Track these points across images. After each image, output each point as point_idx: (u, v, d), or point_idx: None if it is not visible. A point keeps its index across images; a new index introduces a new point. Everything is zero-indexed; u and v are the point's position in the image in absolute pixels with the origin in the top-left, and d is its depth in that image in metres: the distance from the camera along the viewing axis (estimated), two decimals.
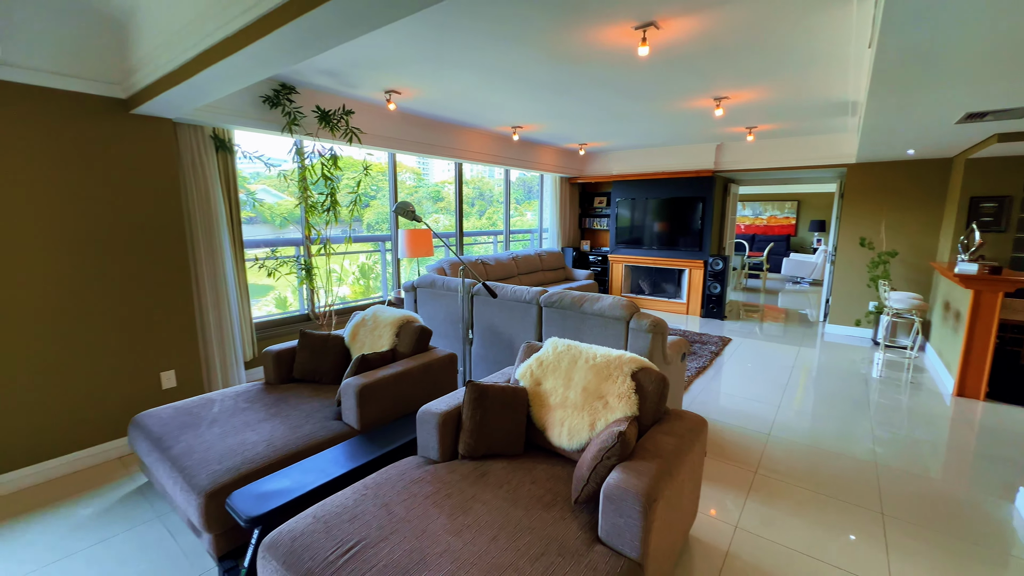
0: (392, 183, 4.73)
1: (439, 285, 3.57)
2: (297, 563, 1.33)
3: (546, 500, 1.61)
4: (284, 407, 2.35)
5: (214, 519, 1.70)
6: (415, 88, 3.47)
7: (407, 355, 2.66)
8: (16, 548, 1.91)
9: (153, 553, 1.89)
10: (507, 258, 5.81)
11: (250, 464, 1.85)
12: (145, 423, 2.19)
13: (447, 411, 1.90)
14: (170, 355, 2.83)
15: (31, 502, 2.22)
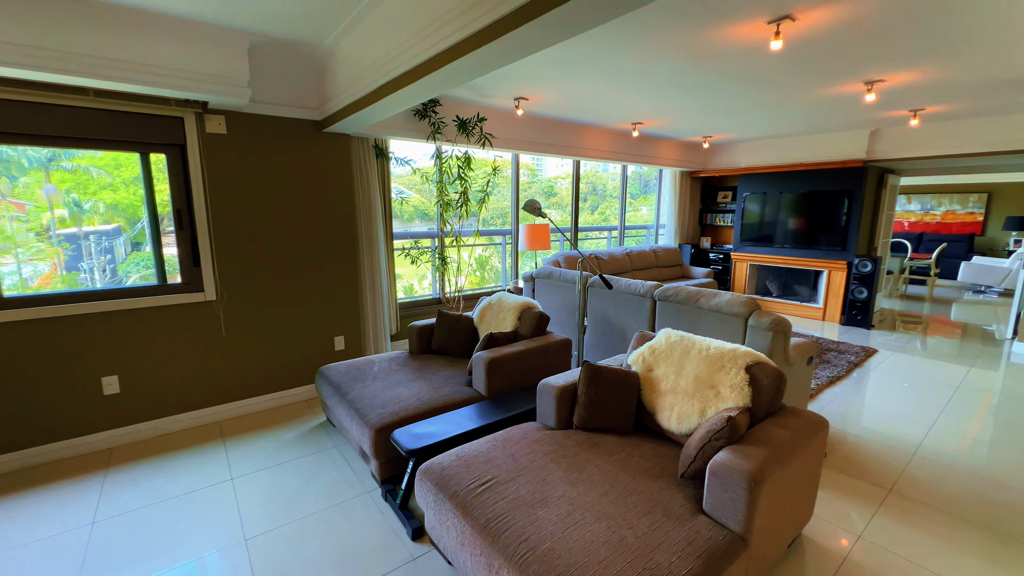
0: (515, 181, 5.12)
1: (556, 276, 3.83)
2: (446, 486, 1.69)
3: (653, 472, 1.77)
4: (426, 372, 2.82)
5: (380, 449, 2.18)
6: (541, 94, 3.75)
7: (527, 337, 2.97)
8: (249, 452, 2.64)
9: (333, 471, 2.47)
10: (621, 253, 5.86)
11: (405, 411, 2.31)
12: (327, 374, 2.82)
13: (564, 385, 2.14)
14: (341, 324, 3.54)
15: (258, 422, 3.01)
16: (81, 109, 2.48)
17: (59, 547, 1.92)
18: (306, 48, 2.86)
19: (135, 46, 2.30)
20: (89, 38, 2.19)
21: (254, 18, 2.40)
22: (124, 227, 2.96)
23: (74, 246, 2.83)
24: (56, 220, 2.76)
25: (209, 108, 2.81)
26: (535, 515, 1.50)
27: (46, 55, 2.11)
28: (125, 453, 2.66)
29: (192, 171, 2.82)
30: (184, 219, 2.87)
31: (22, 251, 2.66)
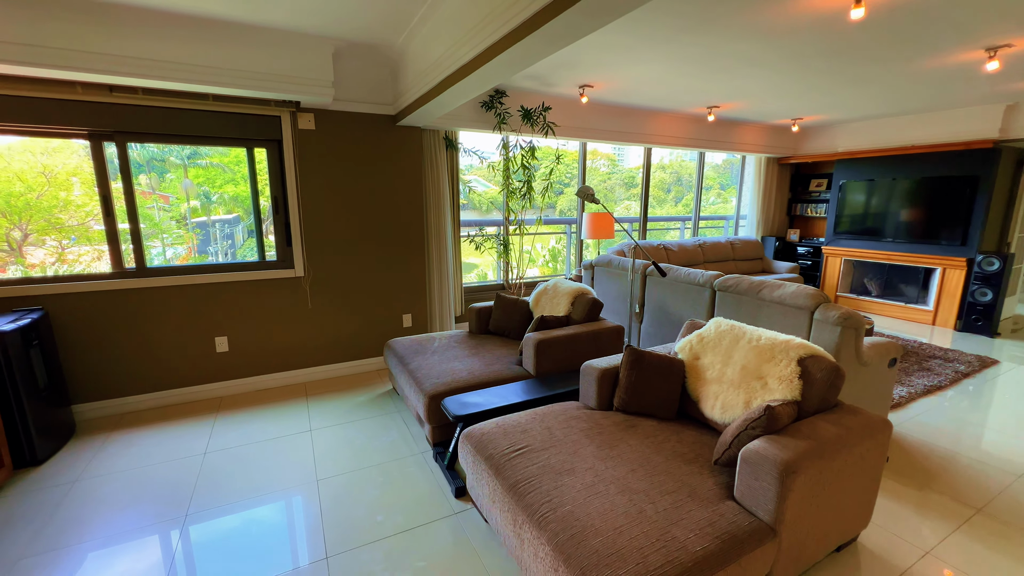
0: (581, 171, 5.12)
1: (615, 265, 3.81)
2: (484, 449, 1.83)
3: (688, 457, 1.76)
4: (481, 350, 2.99)
5: (432, 414, 2.39)
6: (606, 80, 3.72)
7: (579, 322, 3.02)
8: (326, 410, 3.01)
9: (394, 432, 2.73)
10: (693, 244, 5.62)
11: (456, 383, 2.49)
12: (394, 346, 3.10)
13: (606, 368, 2.18)
14: (409, 303, 3.84)
15: (335, 386, 3.40)
16: (203, 112, 2.95)
17: (182, 468, 2.37)
18: (381, 49, 3.12)
19: (244, 56, 2.70)
20: (211, 52, 2.61)
21: (338, 27, 2.69)
22: (242, 216, 3.46)
23: (204, 232, 3.39)
24: (191, 210, 3.31)
25: (301, 107, 3.19)
26: (561, 481, 1.59)
27: (184, 68, 2.56)
28: (231, 402, 3.16)
29: (287, 163, 3.23)
30: (280, 205, 3.30)
31: (166, 236, 3.23)
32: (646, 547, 1.30)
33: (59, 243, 2.97)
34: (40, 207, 2.87)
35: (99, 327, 2.88)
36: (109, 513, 2.05)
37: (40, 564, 1.77)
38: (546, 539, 1.38)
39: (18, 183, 2.80)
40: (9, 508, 2.08)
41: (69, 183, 2.95)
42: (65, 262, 2.97)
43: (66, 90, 2.59)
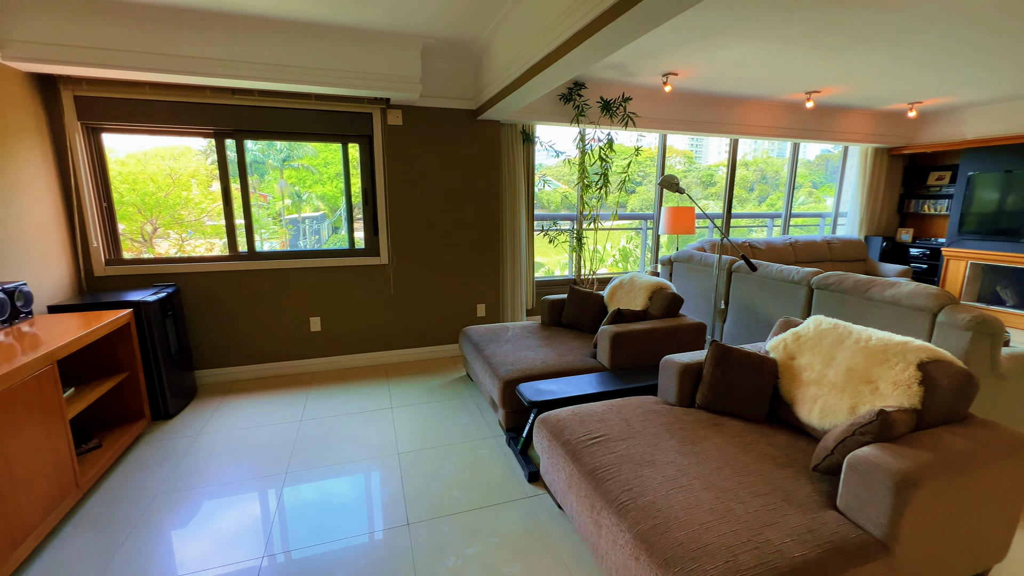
0: (660, 165, 4.93)
1: (696, 260, 3.63)
2: (560, 435, 1.83)
3: (780, 460, 1.64)
4: (554, 341, 2.99)
5: (507, 399, 2.43)
6: (691, 67, 3.55)
7: (657, 317, 2.91)
8: (404, 391, 3.18)
9: (467, 416, 2.82)
10: (783, 243, 5.19)
11: (530, 370, 2.51)
12: (469, 334, 3.19)
13: (688, 363, 2.09)
14: (482, 293, 3.94)
15: (413, 369, 3.58)
16: (306, 111, 3.23)
17: (280, 432, 2.63)
18: (466, 44, 3.22)
19: (344, 57, 2.91)
20: (316, 54, 2.85)
21: (429, 24, 2.81)
22: (328, 214, 3.76)
23: (295, 228, 3.73)
24: (285, 208, 3.66)
25: (390, 104, 3.38)
26: (641, 472, 1.55)
27: (293, 70, 2.82)
28: (321, 377, 3.43)
29: (376, 157, 3.44)
30: (369, 197, 3.53)
31: (264, 231, 3.60)
32: (736, 546, 1.22)
33: (179, 236, 3.41)
34: (167, 204, 3.32)
35: (217, 303, 3.26)
36: (223, 466, 2.32)
37: (170, 501, 2.04)
38: (626, 527, 1.35)
39: (151, 184, 3.26)
40: (148, 452, 2.42)
41: (189, 184, 3.37)
42: (183, 252, 3.40)
43: (196, 94, 2.96)
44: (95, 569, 1.68)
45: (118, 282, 3.04)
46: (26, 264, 2.48)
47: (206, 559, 1.73)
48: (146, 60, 2.57)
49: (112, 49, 2.50)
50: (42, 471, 1.77)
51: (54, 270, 2.71)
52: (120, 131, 2.98)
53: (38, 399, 1.77)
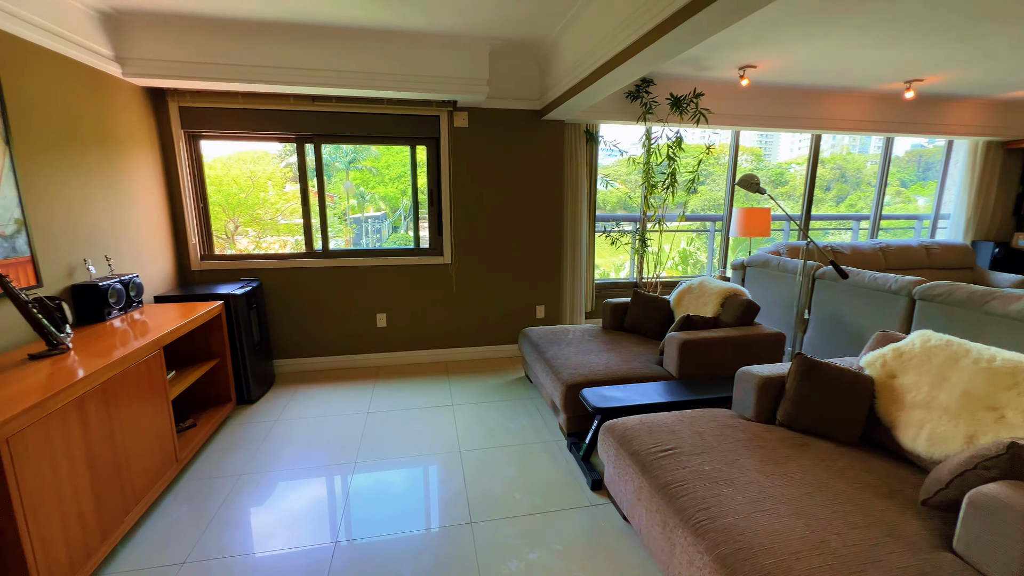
0: (732, 163, 4.66)
1: (773, 265, 3.39)
2: (627, 444, 1.77)
3: (879, 490, 1.48)
4: (616, 346, 2.91)
5: (569, 403, 2.39)
6: (773, 59, 3.31)
7: (729, 324, 2.75)
8: (465, 388, 3.22)
9: (527, 418, 2.80)
10: (871, 247, 4.73)
11: (594, 375, 2.45)
12: (529, 334, 3.18)
13: (768, 376, 1.94)
14: (542, 294, 3.91)
15: (473, 367, 3.63)
16: (376, 115, 3.37)
17: (349, 422, 2.75)
18: (533, 44, 3.20)
19: (416, 62, 3.00)
20: (389, 60, 2.96)
21: (496, 26, 2.83)
22: (388, 214, 3.90)
23: (358, 227, 3.90)
24: (350, 208, 3.84)
25: (457, 106, 3.44)
26: (718, 491, 1.45)
27: (368, 76, 2.95)
28: (386, 371, 3.57)
29: (442, 159, 3.52)
30: (434, 197, 3.62)
31: (330, 230, 3.79)
32: None
33: (257, 234, 3.67)
34: (246, 204, 3.59)
35: (293, 298, 3.48)
36: (298, 451, 2.46)
37: (252, 481, 2.19)
38: (704, 548, 1.27)
39: (234, 185, 3.53)
40: (234, 433, 2.63)
41: (266, 186, 3.63)
42: (260, 249, 3.66)
43: (281, 102, 3.17)
44: (192, 538, 1.83)
45: (210, 276, 3.32)
46: (137, 258, 2.77)
47: (283, 538, 1.83)
48: (242, 72, 2.78)
49: (214, 63, 2.74)
50: (150, 445, 1.96)
51: (159, 264, 3.01)
52: (216, 138, 3.25)
53: (148, 380, 1.96)
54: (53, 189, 2.14)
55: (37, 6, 2.05)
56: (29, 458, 1.36)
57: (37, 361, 1.73)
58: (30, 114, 2.03)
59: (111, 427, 1.72)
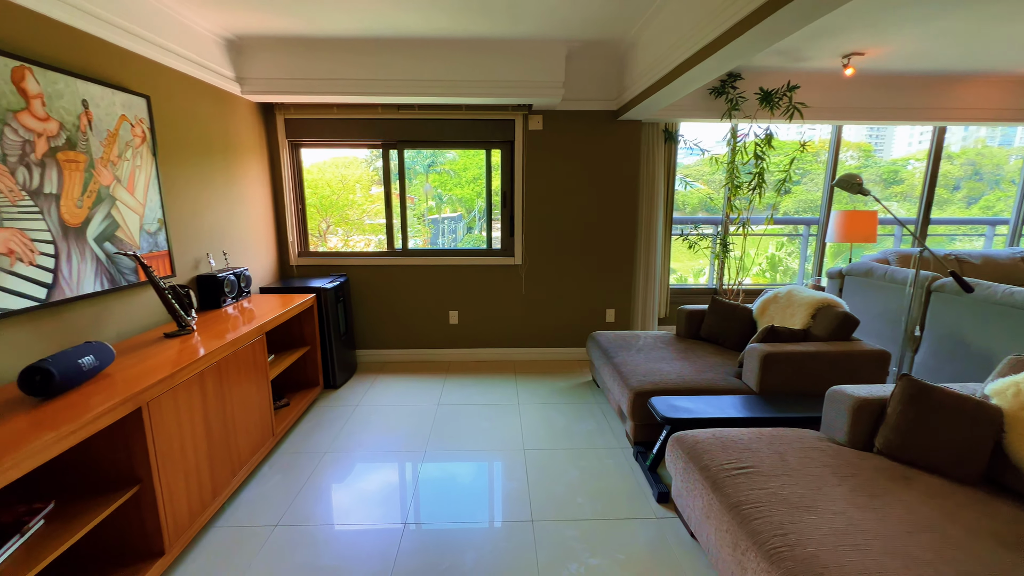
0: (832, 161, 4.23)
1: (878, 275, 3.03)
2: (698, 458, 1.68)
3: (1007, 540, 1.27)
4: (691, 355, 2.77)
5: (636, 411, 2.32)
6: (884, 44, 2.96)
7: (821, 338, 2.51)
8: (531, 389, 3.26)
9: (592, 422, 2.77)
10: (1008, 257, 4.04)
11: (664, 383, 2.36)
12: (598, 339, 3.13)
13: (866, 398, 1.75)
14: (613, 299, 3.84)
15: (539, 368, 3.66)
16: (454, 121, 3.51)
17: (420, 412, 2.90)
18: (610, 45, 3.15)
19: (494, 68, 3.09)
20: (469, 68, 3.08)
21: (574, 29, 2.83)
22: (464, 215, 4.04)
23: (435, 228, 4.08)
24: (427, 209, 4.03)
25: (532, 110, 3.49)
26: (799, 517, 1.34)
27: (449, 84, 3.09)
28: (457, 367, 3.71)
29: (516, 161, 3.58)
30: (507, 199, 3.69)
31: (410, 230, 4.01)
32: None
33: (345, 232, 3.97)
34: (337, 205, 3.90)
35: (375, 293, 3.74)
36: (374, 436, 2.64)
37: (334, 460, 2.39)
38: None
39: (327, 188, 3.86)
40: (320, 415, 2.88)
41: (354, 188, 3.91)
42: (348, 247, 3.96)
43: (370, 111, 3.43)
44: (283, 505, 2.05)
45: (305, 271, 3.68)
46: (247, 253, 3.14)
47: (358, 514, 1.98)
48: (338, 86, 3.05)
49: (314, 79, 3.03)
50: (252, 418, 2.22)
51: (264, 259, 3.39)
52: (314, 145, 3.59)
53: (253, 361, 2.22)
54: (185, 193, 2.50)
55: (181, 38, 2.41)
56: (162, 421, 1.60)
57: (170, 339, 2.03)
58: (171, 129, 2.39)
59: (223, 400, 1.97)
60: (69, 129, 1.77)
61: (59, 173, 1.73)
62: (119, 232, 2.00)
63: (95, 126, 1.88)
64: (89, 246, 1.85)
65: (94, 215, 1.88)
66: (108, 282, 1.94)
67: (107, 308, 1.98)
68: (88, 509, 1.42)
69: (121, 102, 2.01)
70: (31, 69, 1.62)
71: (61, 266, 1.73)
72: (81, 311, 1.85)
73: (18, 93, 1.58)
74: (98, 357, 1.57)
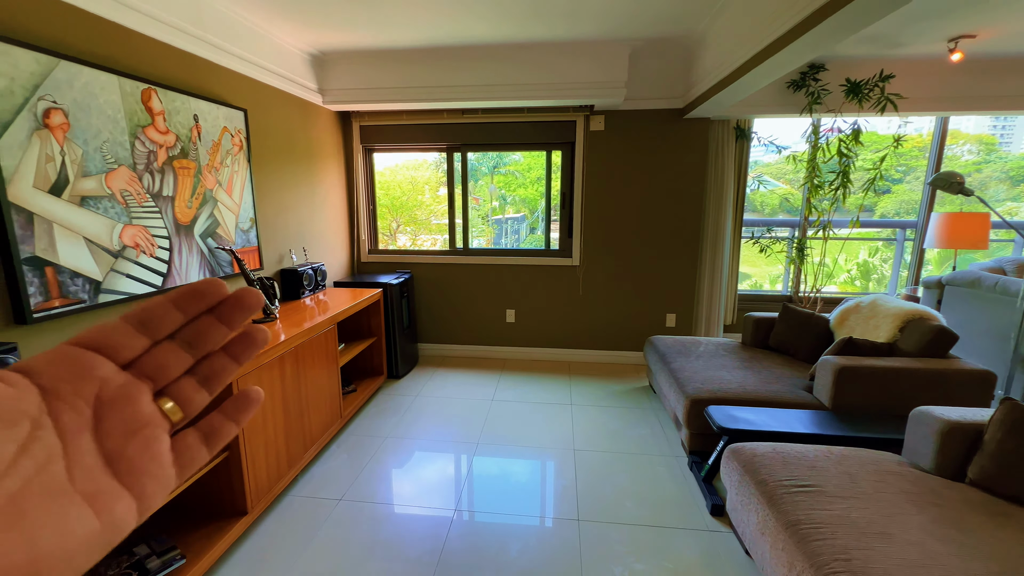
0: (935, 156, 3.79)
1: (987, 285, 2.68)
2: (755, 472, 1.61)
3: None
4: (756, 365, 2.62)
5: (692, 419, 2.24)
6: (1003, 22, 2.61)
7: (910, 354, 2.27)
8: (585, 390, 3.24)
9: (646, 428, 2.71)
10: None
11: (723, 392, 2.26)
12: (656, 343, 3.05)
13: (958, 422, 1.57)
14: (674, 303, 3.71)
15: (594, 371, 3.63)
16: (516, 123, 3.58)
17: (474, 406, 3.00)
18: (676, 41, 3.06)
19: (555, 70, 3.12)
20: (531, 71, 3.13)
21: (639, 28, 2.78)
22: (527, 215, 4.09)
23: (498, 228, 4.17)
24: (491, 210, 4.12)
25: (594, 110, 3.47)
26: (867, 543, 1.24)
27: (512, 88, 3.17)
28: (512, 364, 3.78)
29: (576, 162, 3.58)
30: (567, 200, 3.70)
31: (475, 230, 4.13)
32: None
33: (414, 231, 4.18)
34: (407, 206, 4.11)
35: (436, 289, 3.91)
36: (431, 425, 2.78)
37: (393, 445, 2.55)
38: None
39: (398, 190, 4.08)
40: (383, 402, 3.08)
41: (423, 190, 4.11)
42: (416, 245, 4.16)
43: (436, 116, 3.59)
44: (347, 482, 2.22)
45: (374, 267, 3.93)
46: (323, 249, 3.42)
47: (413, 498, 2.10)
48: (409, 93, 3.23)
49: (387, 88, 3.23)
50: (323, 400, 2.42)
51: (338, 255, 3.67)
52: (385, 150, 3.83)
53: (325, 348, 2.43)
54: (273, 195, 2.78)
55: (274, 56, 2.69)
56: None
57: (256, 325, 2.27)
58: (263, 138, 2.67)
59: (298, 381, 2.18)
60: (183, 140, 2.05)
61: (175, 178, 2.01)
62: (219, 229, 2.28)
63: (203, 137, 2.16)
64: (196, 241, 2.14)
65: (200, 214, 2.16)
66: (209, 273, 2.22)
67: None
68: None
69: (224, 115, 2.29)
70: (155, 90, 1.90)
71: (174, 258, 2.01)
72: None
73: (146, 111, 1.86)
74: None
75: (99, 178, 1.68)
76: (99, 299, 1.69)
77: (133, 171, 1.81)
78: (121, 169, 1.76)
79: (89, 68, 1.62)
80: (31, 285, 1.47)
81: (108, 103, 1.70)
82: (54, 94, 1.52)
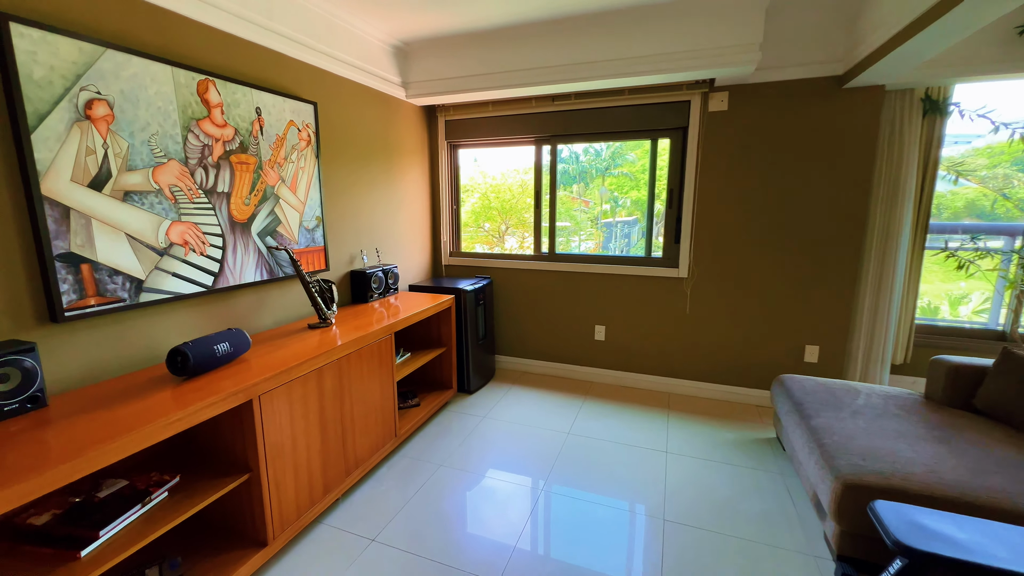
0: None
1: None
2: None
3: None
4: (956, 438, 1.77)
5: (846, 512, 1.53)
6: None
7: None
8: (687, 434, 2.60)
9: (771, 501, 2.00)
10: None
11: (903, 481, 1.51)
12: (789, 385, 2.30)
13: None
14: (818, 331, 2.84)
15: (701, 408, 2.94)
16: (614, 108, 3.04)
17: (548, 438, 2.56)
18: None
19: (663, 37, 2.53)
20: (631, 42, 2.59)
21: None
22: (640, 219, 3.52)
23: (608, 231, 3.66)
24: (602, 212, 3.63)
25: (714, 86, 2.79)
26: None
27: (609, 65, 2.67)
28: (598, 389, 3.25)
29: (688, 152, 2.93)
30: (674, 198, 3.06)
31: (583, 233, 3.69)
32: None
33: (521, 234, 3.86)
34: (515, 208, 3.81)
35: (518, 298, 3.54)
36: (497, 451, 2.42)
37: (446, 477, 2.22)
38: None
39: (507, 192, 3.80)
40: (449, 421, 2.79)
41: (530, 192, 3.77)
42: (522, 248, 3.84)
43: (524, 106, 3.22)
44: (395, 507, 1.97)
45: (455, 271, 3.70)
46: (400, 251, 3.27)
47: (448, 555, 1.74)
48: (495, 80, 2.90)
49: (472, 75, 2.95)
50: (374, 419, 2.20)
51: (418, 257, 3.51)
52: (470, 145, 3.58)
53: (378, 360, 2.20)
54: (343, 193, 2.66)
55: (350, 47, 2.57)
56: (273, 414, 1.62)
57: (311, 331, 2.13)
58: (334, 133, 2.56)
59: (341, 397, 1.97)
60: (243, 134, 1.96)
61: (231, 174, 1.93)
62: (280, 228, 2.18)
63: (266, 131, 2.07)
64: (253, 240, 2.05)
65: (259, 212, 2.07)
66: (267, 273, 2.12)
67: (266, 296, 2.18)
68: (204, 490, 1.48)
69: (290, 108, 2.19)
70: (214, 82, 1.82)
71: (227, 257, 1.93)
72: (242, 298, 2.05)
73: (202, 103, 1.78)
74: (233, 344, 1.66)
75: (145, 172, 1.61)
76: (140, 298, 1.63)
77: (184, 165, 1.74)
78: (171, 163, 1.69)
79: (139, 58, 1.56)
80: (64, 282, 1.42)
81: (159, 94, 1.63)
82: (98, 84, 1.46)
